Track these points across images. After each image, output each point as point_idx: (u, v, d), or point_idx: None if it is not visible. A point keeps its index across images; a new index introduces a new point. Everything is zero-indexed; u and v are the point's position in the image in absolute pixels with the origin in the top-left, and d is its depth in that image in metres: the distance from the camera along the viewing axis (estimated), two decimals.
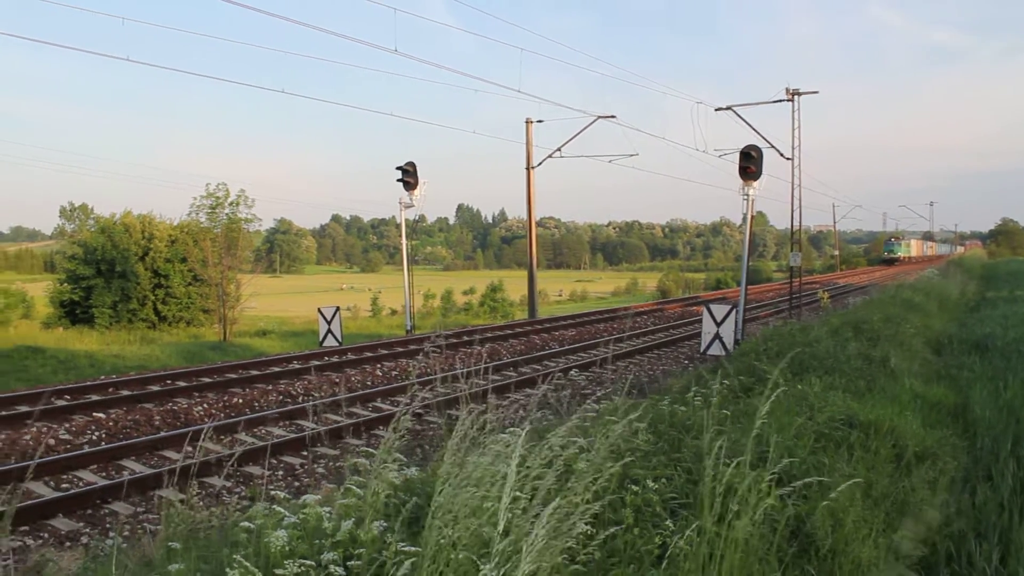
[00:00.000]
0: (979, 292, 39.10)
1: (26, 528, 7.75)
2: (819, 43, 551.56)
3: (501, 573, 2.93)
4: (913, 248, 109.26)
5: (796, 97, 29.19)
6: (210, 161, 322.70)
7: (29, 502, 8.16)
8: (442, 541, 3.22)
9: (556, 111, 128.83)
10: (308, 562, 3.04)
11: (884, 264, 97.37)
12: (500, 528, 3.01)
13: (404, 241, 24.68)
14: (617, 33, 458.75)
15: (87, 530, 7.81)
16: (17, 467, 9.18)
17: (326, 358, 18.20)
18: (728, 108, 28.59)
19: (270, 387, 14.86)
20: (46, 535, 7.69)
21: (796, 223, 30.01)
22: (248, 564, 2.86)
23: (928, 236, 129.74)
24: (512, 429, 4.55)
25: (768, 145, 27.15)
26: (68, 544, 7.49)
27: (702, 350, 17.35)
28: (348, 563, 3.11)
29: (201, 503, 7.80)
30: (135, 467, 9.90)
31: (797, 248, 30.37)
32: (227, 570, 2.86)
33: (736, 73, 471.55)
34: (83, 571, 4.25)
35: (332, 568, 3.10)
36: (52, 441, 10.98)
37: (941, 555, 5.47)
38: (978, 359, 14.19)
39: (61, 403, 13.05)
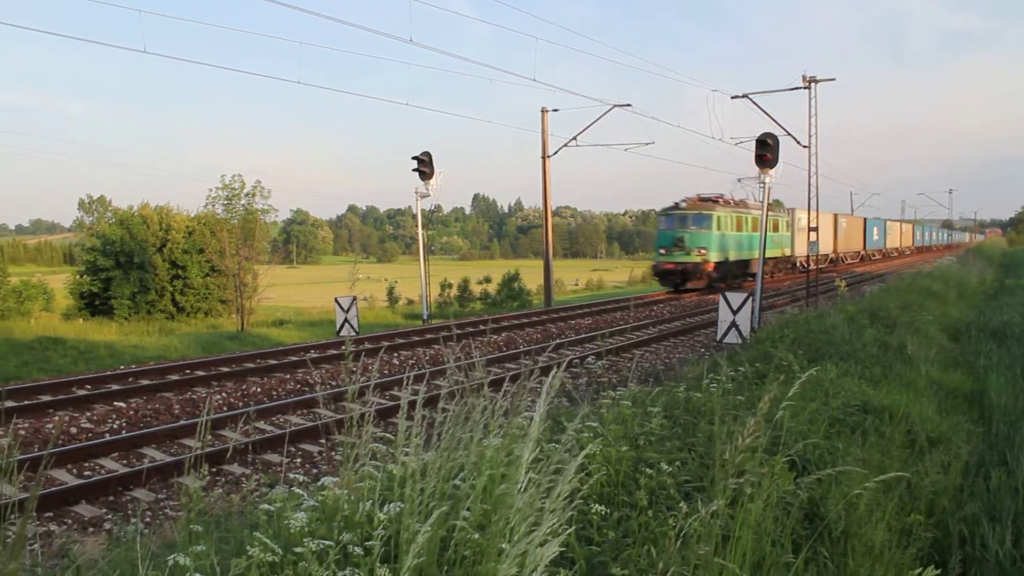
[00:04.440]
0: (998, 280, 38.81)
1: (50, 514, 7.90)
2: (837, 30, 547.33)
3: (515, 547, 2.97)
4: (827, 239, 47.49)
5: (813, 85, 28.93)
6: (226, 152, 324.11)
7: (52, 489, 8.31)
8: (460, 522, 3.28)
9: (572, 100, 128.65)
10: (327, 542, 3.10)
11: (659, 278, 37.03)
12: (518, 503, 3.06)
13: (420, 231, 24.79)
14: (633, 22, 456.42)
15: (109, 516, 7.94)
16: (35, 455, 9.32)
17: (343, 348, 18.29)
18: (744, 96, 28.46)
19: (288, 376, 15.00)
20: (70, 521, 7.83)
21: (813, 211, 29.87)
22: (268, 541, 2.93)
23: (947, 224, 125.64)
24: (526, 414, 4.60)
25: (785, 133, 26.97)
26: (91, 529, 7.63)
27: (718, 338, 17.33)
28: (366, 543, 3.17)
29: (221, 490, 7.92)
30: (155, 455, 10.04)
31: (814, 236, 30.26)
32: (247, 547, 2.93)
33: (753, 61, 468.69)
34: (107, 554, 4.33)
35: (351, 548, 3.17)
36: (74, 430, 11.14)
37: (954, 537, 5.49)
38: (995, 346, 14.12)
39: (82, 392, 13.23)
